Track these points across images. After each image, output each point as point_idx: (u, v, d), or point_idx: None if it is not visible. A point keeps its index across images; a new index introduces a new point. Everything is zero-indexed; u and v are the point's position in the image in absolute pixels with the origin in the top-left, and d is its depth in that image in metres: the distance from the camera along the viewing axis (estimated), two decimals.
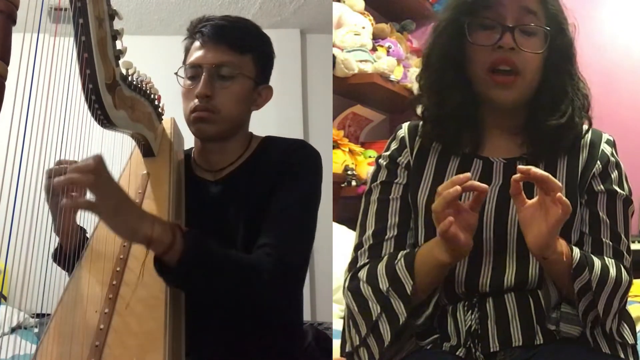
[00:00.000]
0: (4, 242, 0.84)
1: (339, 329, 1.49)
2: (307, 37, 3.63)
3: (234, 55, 1.28)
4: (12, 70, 0.77)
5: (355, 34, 2.63)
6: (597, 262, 1.07)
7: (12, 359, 1.28)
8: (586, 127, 1.18)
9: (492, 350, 1.09)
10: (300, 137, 3.45)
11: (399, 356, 1.10)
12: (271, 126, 1.57)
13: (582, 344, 1.07)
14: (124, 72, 1.16)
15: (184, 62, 1.33)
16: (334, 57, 2.53)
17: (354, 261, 1.18)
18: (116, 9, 1.09)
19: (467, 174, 1.00)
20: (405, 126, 1.26)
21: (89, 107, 1.05)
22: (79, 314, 1.05)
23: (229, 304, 1.16)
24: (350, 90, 2.66)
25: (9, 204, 0.83)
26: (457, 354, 1.11)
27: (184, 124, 1.37)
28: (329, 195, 2.41)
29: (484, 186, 1.00)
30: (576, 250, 1.06)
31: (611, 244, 1.13)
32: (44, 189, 1.08)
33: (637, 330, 1.18)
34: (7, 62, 0.74)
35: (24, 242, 0.91)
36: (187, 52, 1.33)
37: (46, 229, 1.03)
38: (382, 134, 3.11)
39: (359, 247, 1.19)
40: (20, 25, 0.80)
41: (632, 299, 1.95)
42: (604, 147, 1.17)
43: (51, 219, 1.12)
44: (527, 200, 1.01)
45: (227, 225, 1.26)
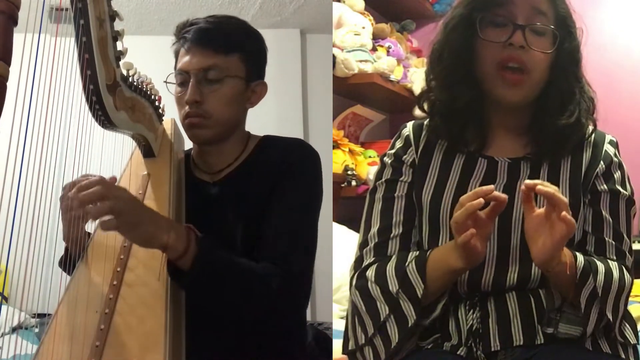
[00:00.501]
0: (4, 242, 0.84)
1: (339, 329, 1.49)
2: (307, 37, 3.63)
3: (219, 57, 1.27)
4: (13, 70, 0.77)
5: (355, 34, 2.63)
6: (600, 267, 1.07)
7: (13, 359, 1.28)
8: (591, 129, 1.19)
9: (492, 349, 1.09)
10: (300, 137, 3.45)
11: (399, 356, 1.10)
12: (271, 126, 1.58)
13: (582, 344, 1.07)
14: (125, 73, 1.16)
15: (174, 68, 1.33)
16: (334, 57, 2.53)
17: (359, 259, 1.18)
18: (116, 9, 1.10)
19: (491, 187, 1.00)
20: (410, 125, 1.26)
21: (90, 107, 1.05)
22: (80, 314, 1.05)
23: (237, 310, 1.17)
24: (350, 90, 2.66)
25: (10, 204, 0.83)
26: (458, 353, 1.11)
27: None
28: (329, 195, 2.41)
29: (505, 197, 1.00)
30: (580, 257, 1.06)
31: (614, 243, 1.13)
32: (59, 199, 1.13)
33: (638, 330, 1.18)
34: (8, 62, 0.74)
35: (24, 242, 0.91)
36: (176, 56, 1.33)
37: (47, 230, 1.03)
38: (382, 134, 3.11)
39: (364, 245, 1.19)
40: (21, 25, 0.80)
41: (632, 299, 1.95)
42: (607, 148, 1.18)
43: (51, 224, 1.13)
44: (536, 208, 1.01)
45: (226, 226, 1.26)
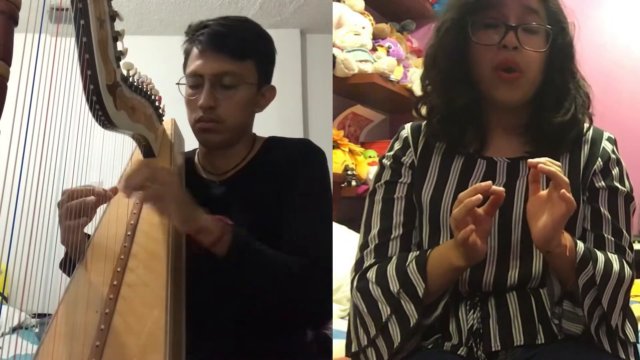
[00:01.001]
0: (4, 242, 0.84)
1: (339, 329, 1.49)
2: (307, 37, 3.63)
3: (234, 63, 1.27)
4: (13, 70, 0.77)
5: (355, 34, 2.63)
6: (600, 256, 1.08)
7: (13, 359, 1.28)
8: (587, 125, 1.19)
9: (493, 349, 1.09)
10: (300, 137, 3.45)
11: (400, 355, 1.10)
12: (271, 126, 1.57)
13: (583, 343, 1.07)
14: (125, 73, 1.16)
15: (184, 67, 1.33)
16: (334, 57, 2.53)
17: (360, 261, 1.18)
18: (116, 9, 1.10)
19: (489, 182, 1.01)
20: (408, 126, 1.26)
21: (90, 107, 1.05)
22: (80, 314, 1.05)
23: (265, 299, 1.20)
24: (350, 90, 2.66)
25: (10, 205, 0.83)
26: (458, 353, 1.11)
27: (184, 125, 1.37)
28: None
29: (502, 190, 1.00)
30: (580, 244, 1.07)
31: (613, 239, 1.13)
32: (58, 207, 1.16)
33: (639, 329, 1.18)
34: (8, 62, 0.74)
35: (24, 243, 0.91)
36: (186, 56, 1.33)
37: (47, 230, 1.03)
38: (382, 134, 3.12)
39: (364, 246, 1.19)
40: (21, 25, 0.80)
41: (632, 299, 1.95)
42: (605, 145, 1.18)
43: (52, 224, 1.13)
44: (540, 190, 1.02)
45: None
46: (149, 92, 1.29)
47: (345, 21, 2.70)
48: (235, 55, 1.27)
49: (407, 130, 1.26)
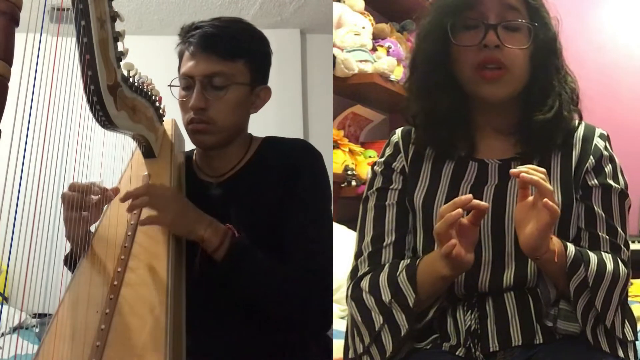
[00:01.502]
0: (4, 242, 0.84)
1: (339, 329, 1.49)
2: (307, 37, 3.63)
3: (225, 63, 1.26)
4: (14, 70, 0.77)
5: (355, 34, 2.63)
6: (593, 257, 1.07)
7: (13, 359, 1.28)
8: (577, 122, 1.18)
9: (491, 350, 1.09)
10: (300, 137, 3.46)
11: (397, 357, 1.10)
12: (271, 126, 1.57)
13: (582, 343, 1.07)
14: (126, 73, 1.16)
15: (178, 69, 1.32)
16: (334, 57, 2.53)
17: (354, 269, 1.18)
18: (117, 10, 1.10)
19: (469, 196, 1.00)
20: (398, 131, 1.26)
21: (91, 108, 1.05)
22: (80, 314, 1.05)
23: (263, 304, 1.22)
24: (350, 90, 2.66)
25: (10, 205, 0.83)
26: (456, 353, 1.11)
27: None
28: None
29: (485, 205, 1.01)
30: (571, 247, 1.06)
31: (608, 238, 1.13)
32: (61, 200, 1.18)
33: (638, 329, 1.18)
34: (9, 62, 0.74)
35: (24, 242, 0.92)
36: (180, 58, 1.32)
37: (47, 230, 1.03)
38: (382, 134, 3.11)
39: (358, 255, 1.19)
40: (22, 25, 0.80)
41: (632, 299, 1.95)
42: (597, 142, 1.17)
43: (52, 224, 1.13)
44: (528, 196, 1.02)
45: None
46: (149, 93, 1.29)
47: (345, 21, 2.69)
48: (225, 55, 1.26)
49: (397, 135, 1.25)
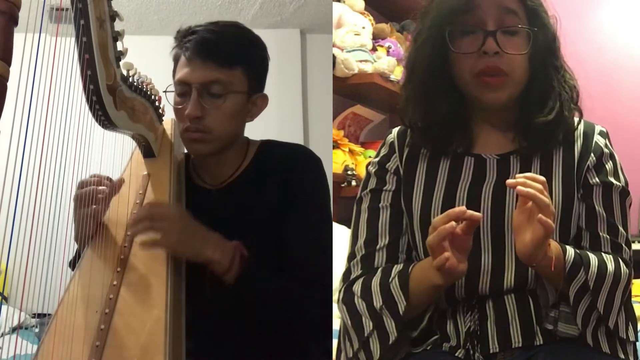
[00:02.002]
0: (4, 242, 0.84)
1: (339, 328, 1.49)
2: (307, 37, 3.63)
3: (222, 71, 1.22)
4: (13, 70, 0.77)
5: (355, 34, 2.63)
6: (593, 260, 1.06)
7: (13, 359, 1.28)
8: (577, 119, 1.16)
9: (491, 351, 1.09)
10: (300, 137, 3.46)
11: (396, 358, 1.10)
12: (271, 126, 1.57)
13: (582, 344, 1.07)
14: (125, 73, 1.16)
15: (173, 73, 1.29)
16: (334, 57, 2.52)
17: (347, 272, 1.18)
18: (116, 9, 1.10)
19: (462, 208, 0.99)
20: (395, 131, 1.25)
21: (90, 107, 1.05)
22: (80, 314, 1.05)
23: (267, 320, 1.22)
24: (350, 90, 2.66)
25: (10, 205, 0.83)
26: (456, 354, 1.10)
27: None
28: None
29: (479, 215, 0.99)
30: (570, 251, 1.05)
31: (609, 237, 1.12)
32: (73, 199, 1.18)
33: (639, 329, 1.17)
34: (8, 62, 0.74)
35: (24, 242, 0.91)
36: (175, 62, 1.29)
37: (46, 230, 1.03)
38: (382, 134, 3.09)
39: (351, 257, 1.18)
40: (21, 25, 0.80)
41: (632, 299, 1.94)
42: (597, 139, 1.16)
43: (51, 224, 1.13)
44: (528, 202, 0.99)
45: (228, 233, 1.21)
46: (148, 92, 1.29)
47: (345, 21, 2.69)
48: (223, 62, 1.22)
49: (393, 134, 1.24)
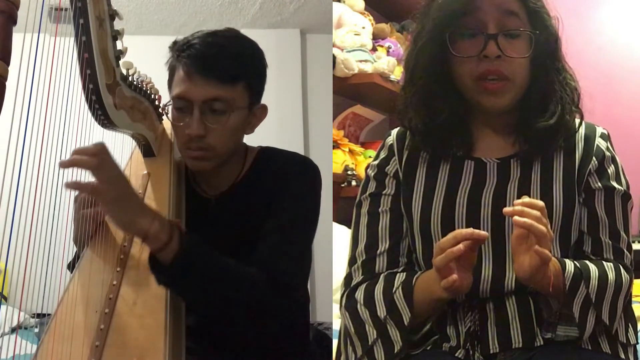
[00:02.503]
0: (4, 242, 0.84)
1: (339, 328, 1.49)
2: (307, 37, 3.63)
3: (225, 88, 1.18)
4: (12, 70, 0.77)
5: (355, 34, 2.63)
6: (593, 271, 1.05)
7: (12, 359, 1.27)
8: (578, 121, 1.15)
9: (491, 351, 1.08)
10: (300, 137, 3.46)
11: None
12: (271, 126, 1.57)
13: (581, 344, 1.06)
14: (124, 72, 1.16)
15: (169, 84, 1.25)
16: (334, 57, 2.52)
17: (348, 277, 1.17)
18: (116, 9, 1.09)
19: (470, 230, 0.96)
20: (394, 133, 1.23)
21: (90, 107, 1.05)
22: (80, 314, 1.05)
23: (222, 312, 1.14)
24: (350, 90, 2.66)
25: (9, 205, 0.83)
26: (456, 355, 1.10)
27: None
28: (329, 195, 2.41)
29: (485, 234, 0.97)
30: (569, 267, 1.04)
31: (610, 242, 1.11)
32: (75, 200, 1.16)
33: (639, 330, 1.17)
34: (7, 62, 0.75)
35: (24, 242, 0.91)
36: (171, 73, 1.23)
37: (46, 230, 1.03)
38: (382, 134, 3.10)
39: (352, 262, 1.17)
40: (20, 25, 0.80)
41: (633, 299, 1.94)
42: (599, 142, 1.15)
43: (51, 224, 1.13)
44: None
45: (226, 241, 1.19)
46: (148, 92, 1.29)
47: (345, 21, 2.69)
48: (225, 79, 1.18)
49: (392, 137, 1.23)
